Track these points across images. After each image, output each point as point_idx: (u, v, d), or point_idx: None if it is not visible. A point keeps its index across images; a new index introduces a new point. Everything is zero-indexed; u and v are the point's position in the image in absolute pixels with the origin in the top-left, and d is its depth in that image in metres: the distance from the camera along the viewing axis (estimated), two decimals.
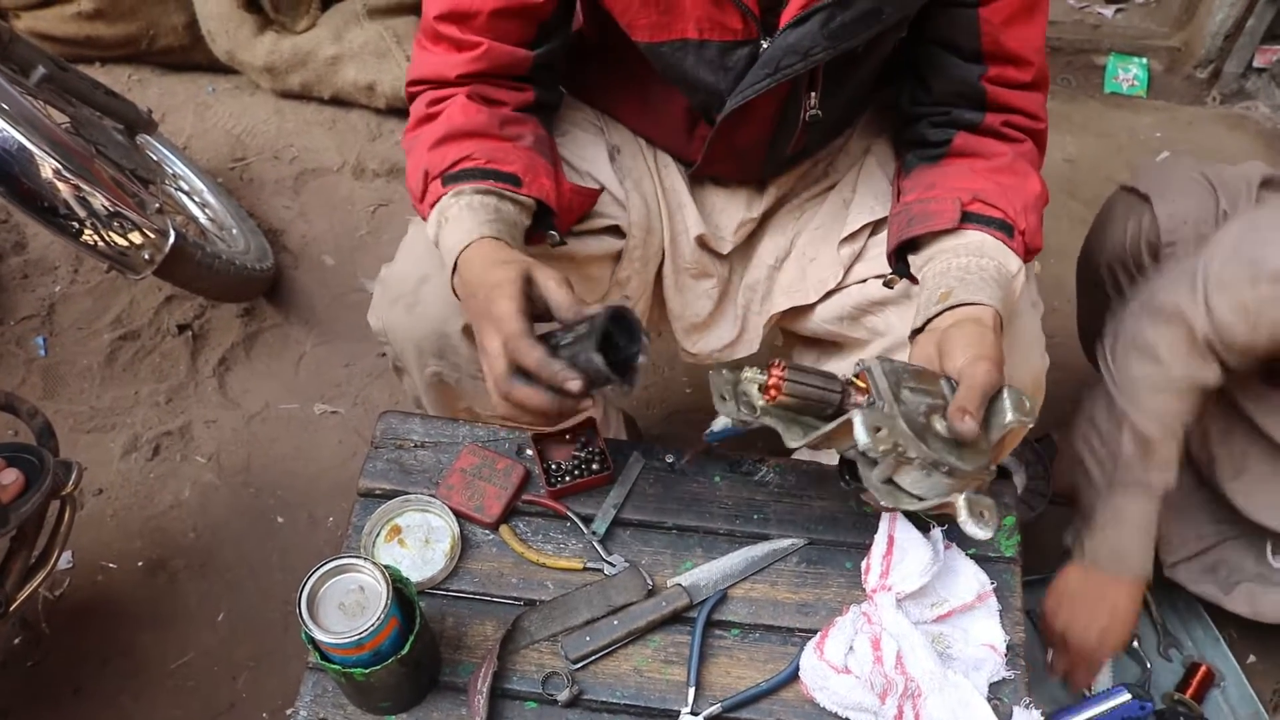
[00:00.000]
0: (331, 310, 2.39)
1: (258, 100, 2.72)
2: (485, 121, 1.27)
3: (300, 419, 2.25)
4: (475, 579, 1.26)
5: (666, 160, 1.52)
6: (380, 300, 1.42)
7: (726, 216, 1.52)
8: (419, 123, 1.31)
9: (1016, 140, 1.34)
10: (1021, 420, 1.07)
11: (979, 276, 1.21)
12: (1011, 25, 1.26)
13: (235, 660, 1.95)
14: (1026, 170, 1.32)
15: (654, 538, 1.29)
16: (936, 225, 1.27)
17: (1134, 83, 2.86)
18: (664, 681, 1.19)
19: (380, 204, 2.55)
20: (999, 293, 1.20)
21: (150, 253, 1.86)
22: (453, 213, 1.20)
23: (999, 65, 1.29)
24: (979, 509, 1.06)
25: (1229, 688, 1.84)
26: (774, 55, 1.24)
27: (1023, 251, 1.28)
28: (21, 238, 2.44)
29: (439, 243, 1.22)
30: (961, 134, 1.33)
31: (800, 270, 1.51)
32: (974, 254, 1.24)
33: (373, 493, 1.32)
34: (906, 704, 1.14)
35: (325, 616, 1.07)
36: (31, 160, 1.72)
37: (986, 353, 1.10)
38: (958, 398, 1.07)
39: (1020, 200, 1.28)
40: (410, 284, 1.37)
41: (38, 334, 2.32)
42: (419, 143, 1.28)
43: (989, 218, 1.26)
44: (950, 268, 1.23)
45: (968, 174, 1.31)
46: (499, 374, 1.07)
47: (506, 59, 1.30)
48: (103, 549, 2.07)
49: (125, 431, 2.21)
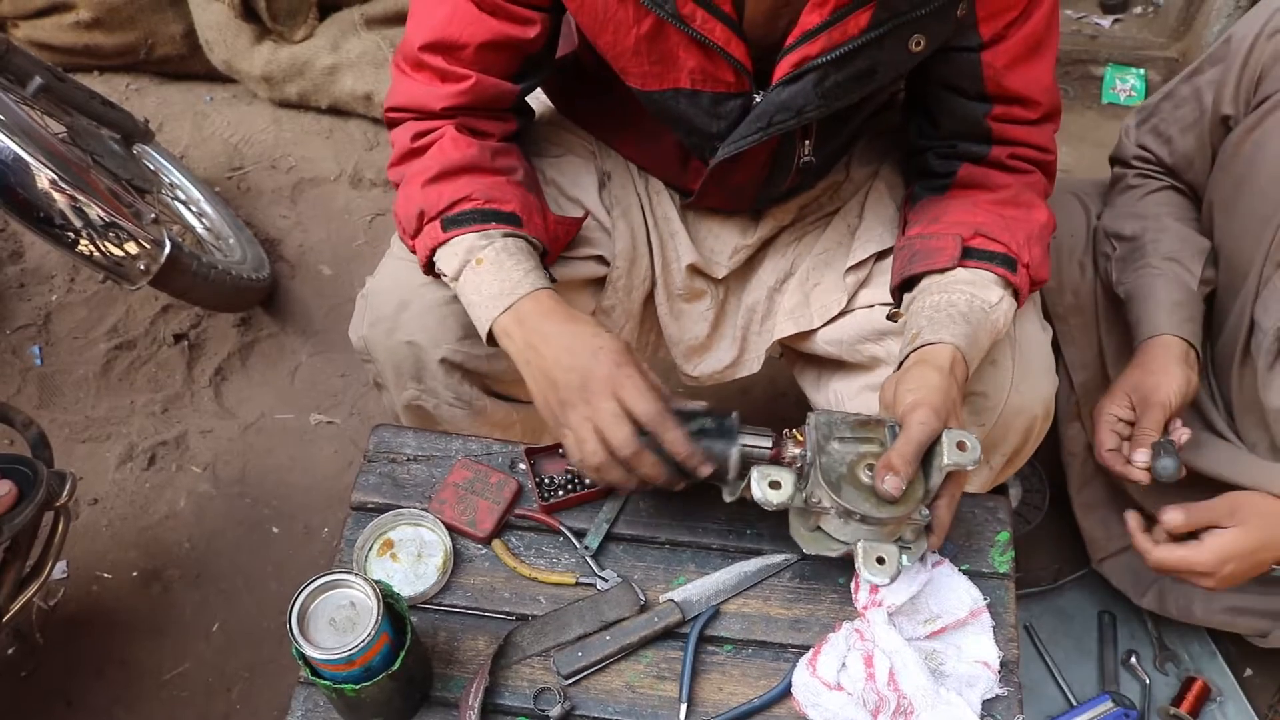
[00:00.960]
0: (328, 320, 2.39)
1: (255, 109, 2.72)
2: (476, 155, 1.27)
3: (296, 429, 2.24)
4: (467, 593, 1.26)
5: (659, 187, 1.51)
6: (361, 318, 1.42)
7: (721, 242, 1.52)
8: (405, 156, 1.30)
9: (1023, 171, 1.33)
10: (959, 464, 1.11)
11: (946, 314, 1.21)
12: (1015, 68, 1.26)
13: (229, 671, 1.94)
14: (1032, 201, 1.32)
15: (647, 553, 1.29)
16: (935, 264, 1.26)
17: (1131, 93, 2.86)
18: (656, 697, 1.19)
19: (377, 214, 2.55)
20: (964, 329, 1.20)
21: (146, 263, 1.87)
22: (489, 254, 1.21)
23: (1004, 105, 1.29)
24: (875, 555, 1.12)
25: (1225, 702, 1.84)
26: (766, 110, 1.24)
27: (1026, 284, 1.28)
28: (18, 247, 2.44)
29: (464, 280, 1.22)
30: (966, 165, 1.33)
31: (803, 295, 1.50)
32: (948, 290, 1.23)
33: (365, 506, 1.32)
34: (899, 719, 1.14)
35: (316, 632, 1.06)
36: (28, 170, 1.72)
37: (927, 398, 1.12)
38: (886, 454, 1.11)
39: (1024, 232, 1.28)
40: (390, 308, 1.37)
41: (34, 343, 2.32)
42: (410, 178, 1.28)
43: (990, 253, 1.26)
44: (925, 306, 1.23)
45: (970, 207, 1.30)
46: (624, 437, 1.12)
47: (493, 92, 1.29)
48: (97, 559, 2.07)
49: (121, 441, 2.21)
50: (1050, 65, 1.29)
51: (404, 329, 1.36)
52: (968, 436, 1.11)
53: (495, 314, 1.20)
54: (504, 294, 1.19)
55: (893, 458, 1.10)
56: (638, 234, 1.49)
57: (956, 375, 1.17)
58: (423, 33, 1.26)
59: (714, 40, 1.18)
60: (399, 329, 1.36)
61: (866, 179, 1.51)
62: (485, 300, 1.20)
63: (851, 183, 1.52)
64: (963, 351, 1.18)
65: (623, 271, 1.47)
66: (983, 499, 1.33)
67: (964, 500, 1.31)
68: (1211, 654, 1.87)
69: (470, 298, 1.23)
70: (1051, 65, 1.29)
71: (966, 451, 1.11)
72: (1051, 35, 1.28)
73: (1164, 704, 1.83)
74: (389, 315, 1.37)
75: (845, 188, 1.52)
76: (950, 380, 1.15)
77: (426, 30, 1.25)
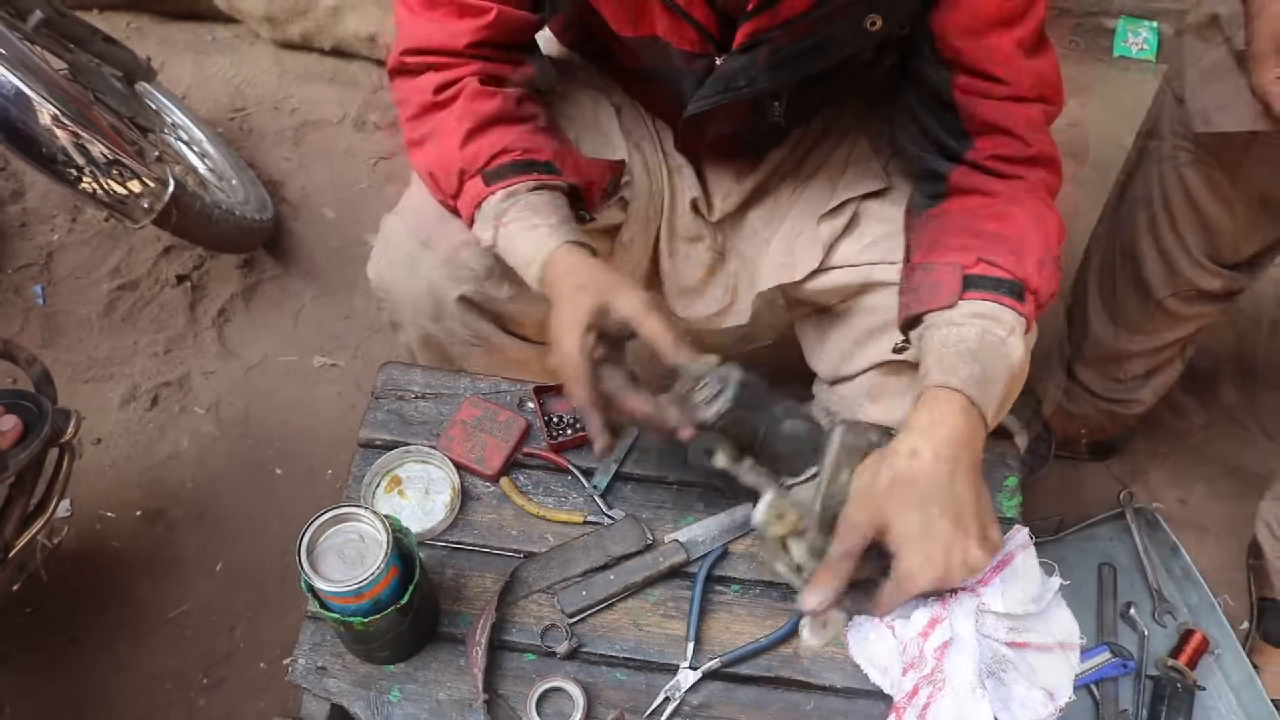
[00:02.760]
0: (332, 263, 2.37)
1: (258, 50, 2.68)
2: (502, 105, 1.25)
3: (299, 371, 2.24)
4: (475, 531, 1.26)
5: (664, 125, 1.50)
6: (380, 256, 1.41)
7: (717, 183, 1.50)
8: (427, 109, 1.27)
9: (1014, 177, 1.23)
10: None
11: (955, 350, 1.13)
12: (972, 34, 1.17)
13: (233, 610, 1.95)
14: (1037, 209, 1.21)
15: (655, 493, 1.29)
16: (935, 303, 1.18)
17: (1144, 46, 2.82)
18: (663, 636, 1.20)
19: (381, 157, 2.52)
20: (973, 369, 1.11)
21: (149, 201, 1.85)
22: (512, 214, 1.20)
23: (966, 75, 1.19)
24: (823, 620, 1.10)
25: (1223, 655, 1.85)
26: (724, 74, 1.22)
27: (1034, 310, 1.19)
28: (19, 186, 2.42)
29: (498, 244, 1.22)
30: (958, 169, 1.24)
31: (787, 246, 1.47)
32: (957, 323, 1.16)
33: (373, 443, 1.32)
34: (925, 687, 1.11)
35: (325, 565, 1.06)
36: (29, 106, 1.69)
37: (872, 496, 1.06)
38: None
39: (1032, 254, 1.18)
40: (410, 246, 1.36)
41: (35, 283, 2.31)
42: (440, 135, 1.25)
43: (996, 280, 1.17)
44: (933, 342, 1.16)
45: (970, 225, 1.22)
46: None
47: (517, 24, 1.27)
48: (101, 498, 2.07)
49: (124, 381, 2.20)
50: (1023, 42, 1.17)
51: (423, 267, 1.35)
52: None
53: (534, 277, 1.20)
54: (532, 260, 1.20)
55: (819, 572, 1.06)
56: (652, 166, 1.48)
57: (967, 441, 1.08)
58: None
59: (677, 2, 1.16)
60: (418, 267, 1.36)
61: (853, 129, 1.48)
62: (522, 264, 1.21)
63: (839, 133, 1.49)
64: (972, 397, 1.10)
65: (642, 205, 1.46)
66: (991, 444, 1.31)
67: None
68: (1210, 606, 1.87)
69: (512, 260, 1.23)
70: (1025, 42, 1.18)
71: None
72: (1028, 17, 1.17)
73: (1162, 655, 1.84)
74: (408, 254, 1.36)
75: (825, 144, 1.49)
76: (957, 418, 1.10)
77: None
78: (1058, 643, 1.16)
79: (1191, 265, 1.66)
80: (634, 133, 1.48)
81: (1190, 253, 1.65)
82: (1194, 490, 2.12)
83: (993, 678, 1.14)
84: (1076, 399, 1.97)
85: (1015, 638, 1.16)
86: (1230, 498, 2.11)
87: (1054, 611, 1.17)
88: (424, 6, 1.27)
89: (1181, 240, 1.64)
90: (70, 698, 1.87)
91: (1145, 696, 1.81)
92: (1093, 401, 1.96)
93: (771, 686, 1.18)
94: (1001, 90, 1.19)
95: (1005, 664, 1.15)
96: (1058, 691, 1.15)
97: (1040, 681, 1.15)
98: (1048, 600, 1.16)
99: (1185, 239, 1.63)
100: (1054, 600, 1.17)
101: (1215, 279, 1.68)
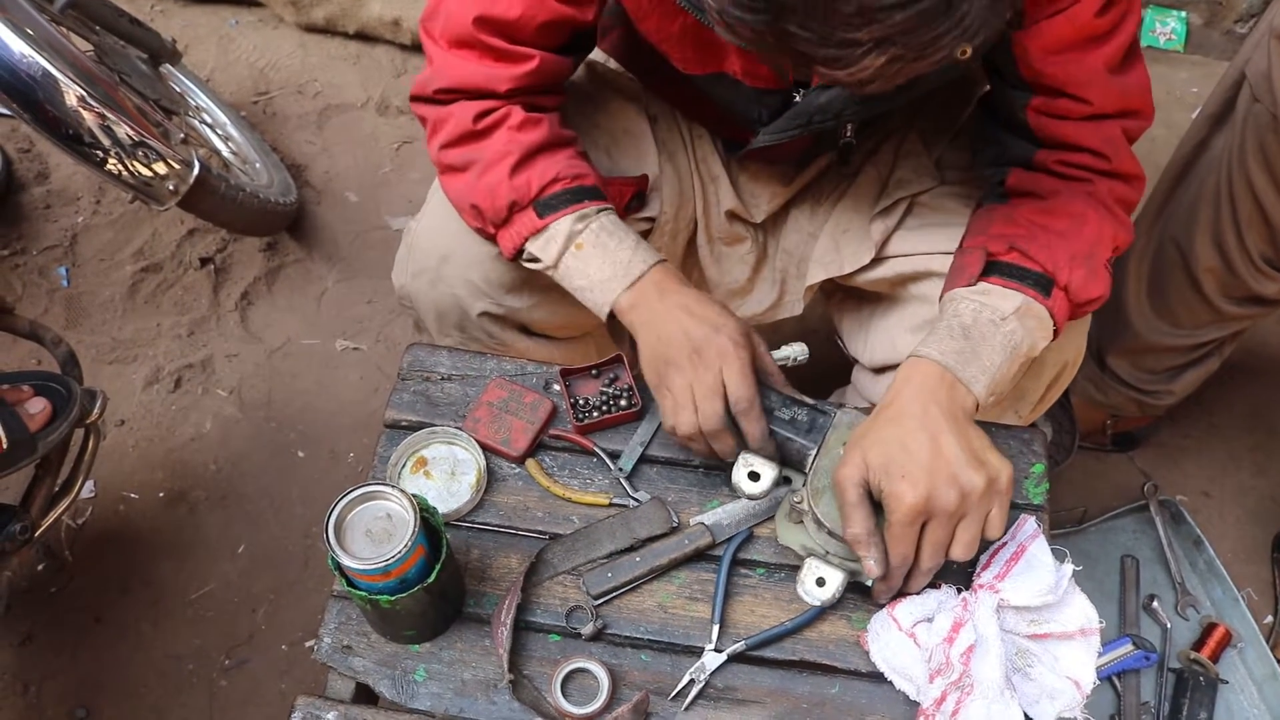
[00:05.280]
0: (354, 247, 2.37)
1: (281, 34, 2.69)
2: (549, 133, 1.25)
3: (322, 354, 2.24)
4: (500, 512, 1.26)
5: (701, 131, 1.49)
6: (404, 265, 1.41)
7: (760, 187, 1.50)
8: (466, 138, 1.26)
9: (1077, 179, 1.21)
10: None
11: (945, 326, 1.14)
12: (1057, 54, 1.14)
13: (255, 592, 1.96)
14: (1083, 212, 1.19)
15: (681, 475, 1.28)
16: (958, 282, 1.19)
17: (1171, 36, 2.80)
18: (688, 618, 1.19)
19: (404, 141, 2.52)
20: (957, 344, 1.12)
21: (175, 183, 1.85)
22: (588, 237, 1.21)
23: (1045, 96, 1.18)
24: (816, 575, 1.16)
25: (1246, 648, 1.84)
26: (805, 110, 1.22)
27: (1065, 308, 1.18)
28: (44, 168, 2.43)
29: (562, 265, 1.22)
30: (1016, 171, 1.24)
31: (833, 241, 1.47)
32: (958, 299, 1.17)
33: (399, 424, 1.32)
34: (953, 693, 1.10)
35: (352, 543, 1.06)
36: (56, 87, 1.70)
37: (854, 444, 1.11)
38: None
39: (1067, 250, 1.17)
40: (432, 259, 1.36)
41: (60, 264, 2.32)
42: (485, 165, 1.24)
43: (1022, 270, 1.16)
44: (938, 320, 1.18)
45: (1014, 216, 1.21)
46: (712, 413, 1.16)
47: (555, 69, 1.27)
48: (124, 479, 2.08)
49: (147, 363, 2.21)
50: (1110, 61, 1.15)
51: (446, 281, 1.36)
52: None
53: (614, 296, 1.21)
54: (618, 275, 1.21)
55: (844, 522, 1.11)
56: (684, 178, 1.48)
57: (938, 397, 1.10)
58: (474, 6, 1.21)
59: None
60: (441, 281, 1.36)
61: (904, 128, 1.47)
62: (599, 284, 1.22)
63: (881, 134, 1.48)
64: (948, 367, 1.11)
65: (670, 216, 1.46)
66: (1018, 431, 1.31)
67: (998, 432, 1.30)
68: (1234, 600, 1.86)
69: (578, 283, 1.23)
70: (1113, 61, 1.15)
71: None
72: (1117, 32, 1.14)
73: (1184, 648, 1.83)
74: (432, 267, 1.36)
75: (870, 140, 1.48)
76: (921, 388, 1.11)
77: (479, 4, 1.21)
78: (1079, 629, 1.16)
79: (1249, 267, 1.62)
80: (668, 144, 1.48)
81: (1250, 255, 1.60)
82: (1218, 483, 2.11)
83: (1019, 673, 1.14)
84: (1106, 389, 1.95)
85: (1036, 630, 1.16)
86: (1255, 491, 2.09)
87: (1071, 599, 1.18)
88: (456, 45, 1.25)
89: (1242, 241, 1.60)
90: (93, 677, 1.88)
91: (1167, 689, 1.80)
92: (1123, 391, 1.94)
93: (796, 670, 1.17)
94: (1082, 110, 1.17)
95: (1030, 657, 1.15)
96: (1082, 679, 1.15)
97: (1064, 670, 1.15)
98: (1063, 589, 1.16)
99: (1246, 240, 1.59)
100: (1069, 587, 1.17)
101: (1272, 284, 1.63)
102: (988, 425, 1.30)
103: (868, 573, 1.10)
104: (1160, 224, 1.74)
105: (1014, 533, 1.19)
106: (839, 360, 1.62)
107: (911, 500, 1.05)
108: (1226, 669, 1.82)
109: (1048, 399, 1.43)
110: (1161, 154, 2.25)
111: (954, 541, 1.08)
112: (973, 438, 1.09)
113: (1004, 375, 1.14)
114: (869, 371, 1.53)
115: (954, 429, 1.08)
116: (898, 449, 1.07)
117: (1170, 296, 1.75)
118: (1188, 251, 1.68)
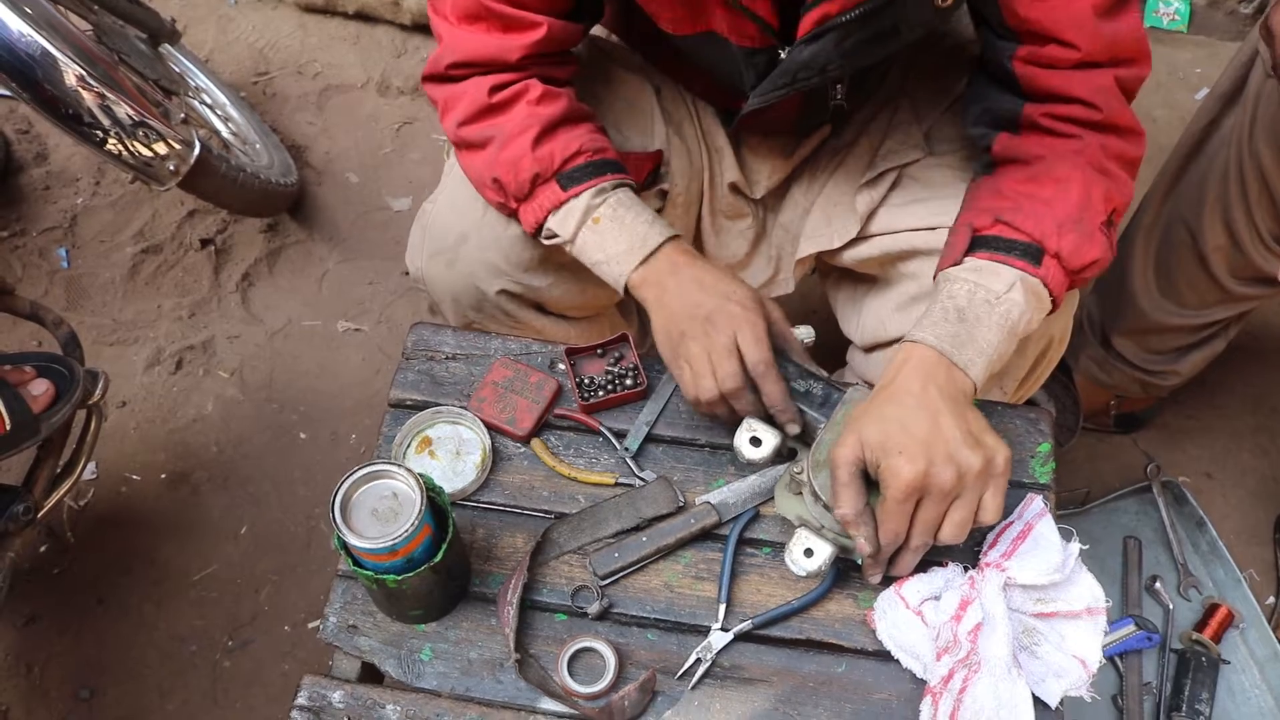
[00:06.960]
0: (355, 228, 2.37)
1: (281, 14, 2.67)
2: (567, 106, 1.25)
3: (323, 336, 2.24)
4: (506, 491, 1.26)
5: (704, 105, 1.49)
6: (419, 247, 1.40)
7: (760, 161, 1.49)
8: (483, 113, 1.25)
9: (1064, 135, 1.17)
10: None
11: (940, 308, 1.13)
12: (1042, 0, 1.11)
13: (257, 573, 1.97)
14: (1068, 175, 1.16)
15: (686, 455, 1.28)
16: (945, 262, 1.18)
17: (1175, 17, 2.78)
18: (694, 597, 1.19)
19: (405, 122, 2.51)
20: (952, 328, 1.11)
21: (175, 164, 1.85)
22: (605, 211, 1.22)
23: (1031, 44, 1.14)
24: (805, 546, 1.15)
25: (1248, 629, 1.84)
26: (790, 67, 1.19)
27: (1060, 276, 1.15)
28: (43, 149, 2.42)
29: (581, 242, 1.23)
30: (1002, 137, 1.21)
31: (825, 215, 1.47)
32: (951, 279, 1.15)
33: (403, 404, 1.31)
34: (960, 671, 1.10)
35: (358, 522, 1.06)
36: (55, 66, 1.69)
37: (852, 424, 1.11)
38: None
39: (1054, 217, 1.14)
40: (450, 240, 1.35)
41: (60, 245, 2.31)
42: (504, 140, 1.23)
43: (1008, 241, 1.14)
44: (932, 302, 1.16)
45: (1000, 187, 1.19)
46: (730, 372, 1.16)
47: (563, 35, 1.26)
48: (126, 461, 2.08)
49: (148, 345, 2.21)
50: (1099, 4, 1.11)
51: (463, 262, 1.35)
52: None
53: (629, 269, 1.21)
54: (634, 249, 1.21)
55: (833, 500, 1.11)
56: (693, 151, 1.47)
57: (937, 378, 1.09)
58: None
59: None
60: (458, 262, 1.35)
61: (896, 97, 1.46)
62: (615, 257, 1.22)
63: (876, 103, 1.47)
64: (943, 351, 1.10)
65: (681, 189, 1.45)
66: (1024, 410, 1.31)
67: (1004, 411, 1.30)
68: (1236, 580, 1.86)
69: (594, 256, 1.23)
70: (1101, 4, 1.11)
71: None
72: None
73: (1186, 629, 1.83)
74: (449, 248, 1.36)
75: (866, 109, 1.47)
76: (905, 388, 1.10)
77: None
78: (1085, 608, 1.16)
79: (1258, 247, 1.60)
80: (674, 115, 1.47)
81: (1260, 233, 1.58)
82: (1221, 464, 2.11)
83: (1025, 652, 1.14)
84: (1111, 369, 1.95)
85: (1043, 608, 1.16)
86: (1257, 472, 2.09)
87: (1077, 577, 1.18)
88: (463, 20, 1.24)
89: (1252, 219, 1.58)
90: (96, 658, 1.88)
91: (1169, 670, 1.81)
92: (1128, 372, 1.93)
93: (803, 649, 1.17)
94: (1069, 56, 1.13)
95: (1036, 635, 1.15)
96: (1089, 657, 1.15)
97: (1070, 649, 1.15)
98: (1070, 567, 1.16)
99: (1256, 218, 1.58)
100: (1075, 566, 1.17)
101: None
102: (993, 404, 1.30)
103: (859, 550, 1.10)
104: (1169, 203, 1.72)
105: (1021, 511, 1.19)
106: (844, 342, 1.61)
107: (908, 476, 1.04)
108: (1228, 650, 1.82)
109: (1035, 376, 1.42)
110: (1164, 135, 2.26)
111: (945, 521, 1.08)
112: (971, 419, 1.08)
113: (1002, 355, 1.14)
114: (861, 351, 1.53)
115: (952, 409, 1.07)
116: (896, 426, 1.06)
117: (1177, 276, 1.75)
118: (1196, 230, 1.66)
